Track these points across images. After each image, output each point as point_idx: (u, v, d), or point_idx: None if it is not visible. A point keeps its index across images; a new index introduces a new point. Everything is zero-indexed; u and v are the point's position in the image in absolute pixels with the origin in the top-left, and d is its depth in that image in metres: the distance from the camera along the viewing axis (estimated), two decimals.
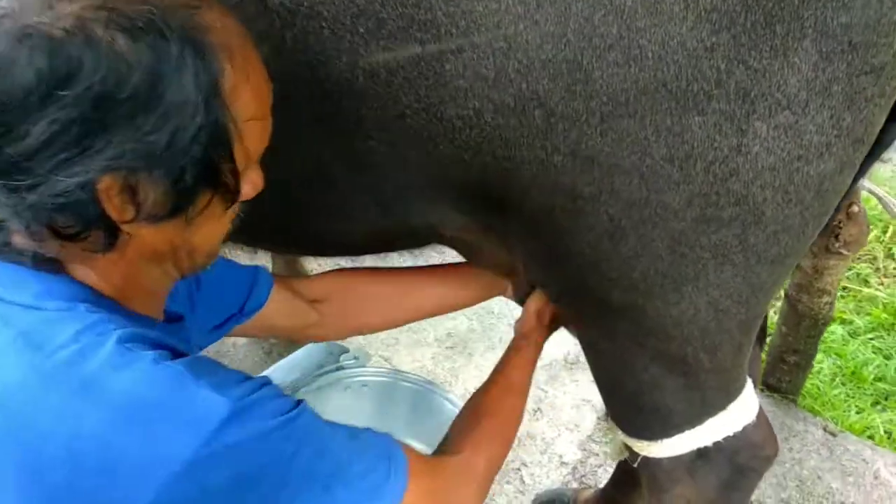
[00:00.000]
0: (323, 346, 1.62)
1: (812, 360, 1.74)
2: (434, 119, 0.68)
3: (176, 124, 0.53)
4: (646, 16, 0.58)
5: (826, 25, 0.59)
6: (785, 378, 1.75)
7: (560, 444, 1.70)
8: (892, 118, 0.67)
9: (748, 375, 0.93)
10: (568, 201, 0.70)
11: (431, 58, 0.63)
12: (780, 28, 0.59)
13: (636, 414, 0.92)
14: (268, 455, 0.56)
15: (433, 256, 2.05)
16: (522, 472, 1.63)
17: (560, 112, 0.63)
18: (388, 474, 0.64)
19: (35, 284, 0.57)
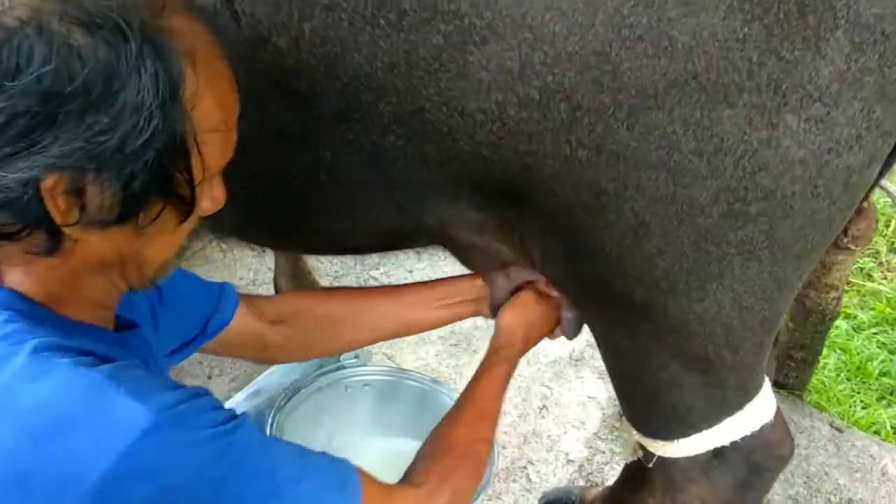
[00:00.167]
0: None
1: (819, 356, 1.74)
2: (455, 113, 0.66)
3: (129, 126, 0.50)
4: (677, 6, 0.57)
5: (859, 16, 0.57)
6: (792, 374, 1.75)
7: (566, 442, 1.69)
8: None
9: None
10: (591, 197, 0.68)
11: (454, 49, 0.62)
12: (813, 18, 0.57)
13: (654, 414, 0.91)
14: (195, 470, 0.53)
15: (437, 255, 2.04)
16: (528, 470, 1.62)
17: (586, 105, 0.62)
18: (339, 501, 0.61)
19: None
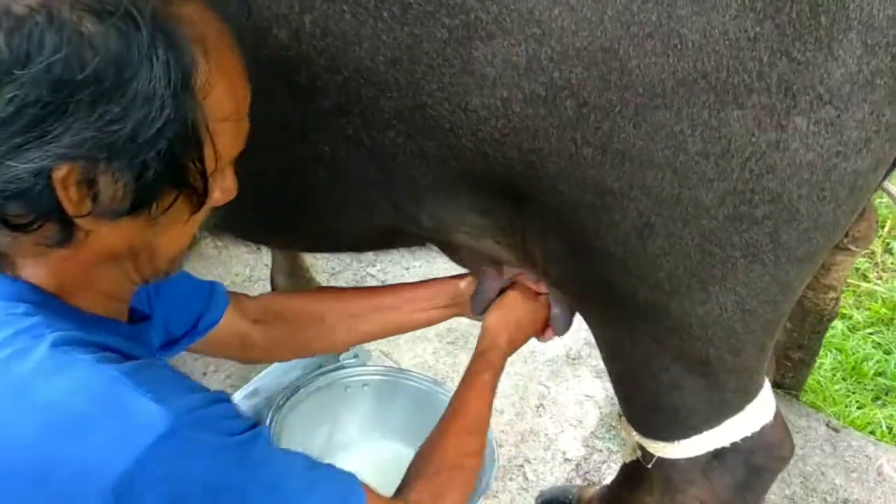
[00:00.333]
0: None
1: (816, 357, 1.73)
2: (458, 109, 0.65)
3: (141, 115, 0.49)
4: (687, 3, 0.56)
5: (872, 17, 0.56)
6: (789, 374, 1.75)
7: (563, 441, 1.69)
8: None
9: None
10: (596, 196, 0.67)
11: (459, 44, 0.60)
12: (825, 19, 0.56)
13: (654, 415, 0.90)
14: (210, 478, 0.52)
15: (433, 252, 2.03)
16: (526, 469, 1.62)
17: (593, 102, 0.61)
18: None
19: None
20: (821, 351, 1.80)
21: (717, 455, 0.94)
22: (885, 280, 2.22)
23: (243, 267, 2.11)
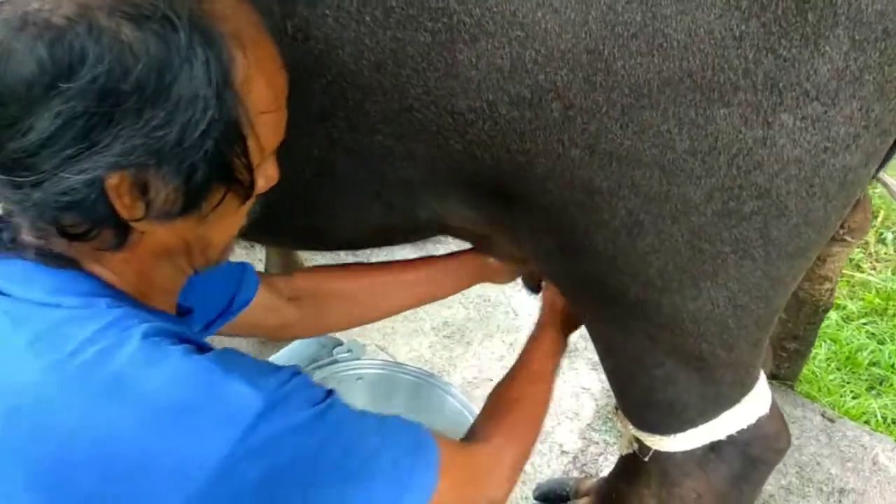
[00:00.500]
0: (315, 339, 1.59)
1: (811, 347, 1.74)
2: (444, 112, 0.65)
3: (186, 118, 0.50)
4: (672, 3, 0.55)
5: (860, 12, 0.56)
6: (784, 365, 1.75)
7: (560, 433, 1.69)
8: None
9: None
10: (584, 196, 0.67)
11: (442, 47, 0.60)
12: (812, 15, 0.56)
13: (650, 409, 0.91)
14: (300, 448, 0.55)
15: (438, 250, 2.02)
16: None
17: (579, 104, 0.60)
18: (418, 465, 0.63)
19: (47, 280, 0.55)
20: (815, 341, 1.80)
21: (714, 447, 0.94)
22: (879, 270, 2.22)
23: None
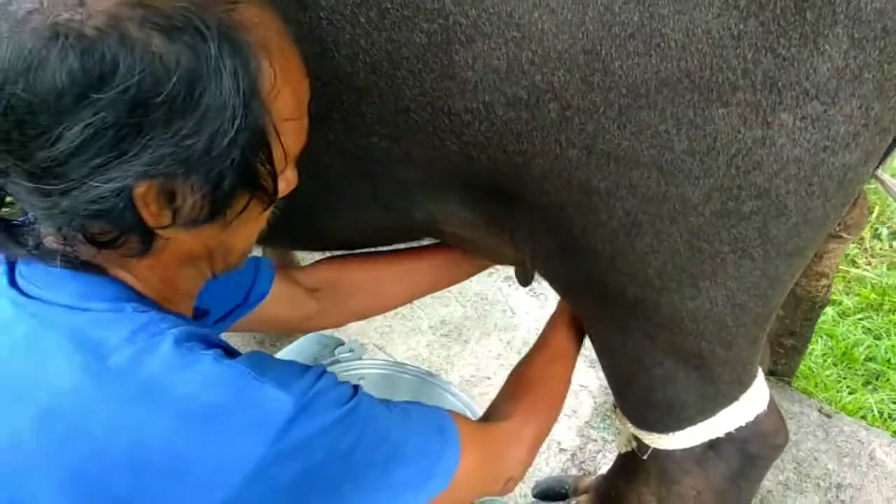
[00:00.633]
0: (316, 339, 1.58)
1: (808, 344, 1.74)
2: (440, 113, 0.64)
3: (214, 127, 0.50)
4: (669, 3, 0.55)
5: (859, 11, 0.55)
6: (781, 361, 1.75)
7: (558, 431, 1.69)
8: None
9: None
10: (582, 197, 0.67)
11: (438, 49, 0.59)
12: (811, 14, 0.55)
13: (648, 408, 0.90)
14: (332, 447, 0.56)
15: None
16: None
17: (576, 105, 0.60)
18: (443, 448, 0.65)
19: (73, 285, 0.55)
20: (812, 337, 1.80)
21: (713, 445, 0.94)
22: (875, 266, 2.23)
23: None
